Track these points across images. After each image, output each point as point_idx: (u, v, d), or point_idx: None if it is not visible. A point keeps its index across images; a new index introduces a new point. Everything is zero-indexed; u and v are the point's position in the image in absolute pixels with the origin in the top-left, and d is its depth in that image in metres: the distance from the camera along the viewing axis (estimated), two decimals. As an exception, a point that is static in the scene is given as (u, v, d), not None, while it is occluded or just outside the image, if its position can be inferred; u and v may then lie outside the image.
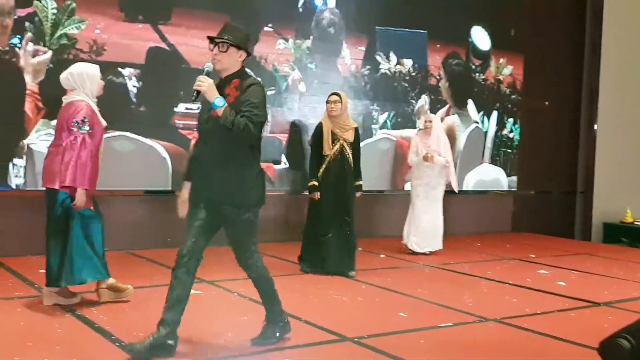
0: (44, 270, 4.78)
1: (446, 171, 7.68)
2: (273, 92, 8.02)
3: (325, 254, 6.26)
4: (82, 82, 4.70)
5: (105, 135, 4.97)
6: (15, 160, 6.53)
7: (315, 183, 6.28)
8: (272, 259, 6.46)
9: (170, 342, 3.74)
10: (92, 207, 4.73)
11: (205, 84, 3.68)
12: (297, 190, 8.05)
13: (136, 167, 7.18)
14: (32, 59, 6.54)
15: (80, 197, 4.54)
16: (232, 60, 3.81)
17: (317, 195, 6.28)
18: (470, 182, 9.94)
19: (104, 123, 4.77)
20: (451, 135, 9.14)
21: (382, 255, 7.55)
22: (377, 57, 8.93)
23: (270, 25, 8.09)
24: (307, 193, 6.49)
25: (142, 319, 4.39)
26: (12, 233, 6.47)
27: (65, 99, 4.73)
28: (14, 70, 6.50)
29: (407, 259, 7.44)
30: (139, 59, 7.19)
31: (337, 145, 6.28)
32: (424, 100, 9.33)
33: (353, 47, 8.75)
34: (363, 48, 8.84)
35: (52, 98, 6.22)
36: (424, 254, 7.58)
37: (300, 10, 8.33)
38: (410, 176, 7.77)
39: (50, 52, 6.61)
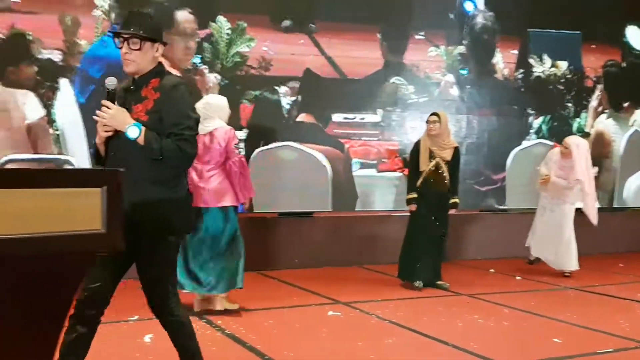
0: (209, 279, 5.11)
1: (585, 199, 7.29)
2: (426, 99, 8.16)
3: (420, 266, 6.41)
4: (219, 110, 5.18)
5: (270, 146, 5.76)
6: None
7: (414, 195, 6.40)
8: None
9: None
10: None
11: (109, 114, 2.92)
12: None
13: (298, 177, 7.48)
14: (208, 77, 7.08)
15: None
16: (148, 58, 3.02)
17: (414, 207, 6.42)
18: (631, 187, 9.49)
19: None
20: (603, 141, 8.87)
21: (517, 278, 7.30)
22: (531, 60, 8.83)
23: (421, 33, 8.24)
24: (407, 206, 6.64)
25: (290, 339, 4.60)
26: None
27: (207, 127, 5.05)
28: (196, 89, 7.03)
29: (546, 280, 7.13)
30: (301, 72, 7.60)
31: (433, 163, 6.36)
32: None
33: (505, 50, 8.70)
34: (515, 51, 8.76)
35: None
36: (563, 274, 7.30)
37: (452, 16, 8.39)
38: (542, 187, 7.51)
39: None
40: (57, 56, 6.41)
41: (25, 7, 6.33)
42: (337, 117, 7.76)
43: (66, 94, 6.38)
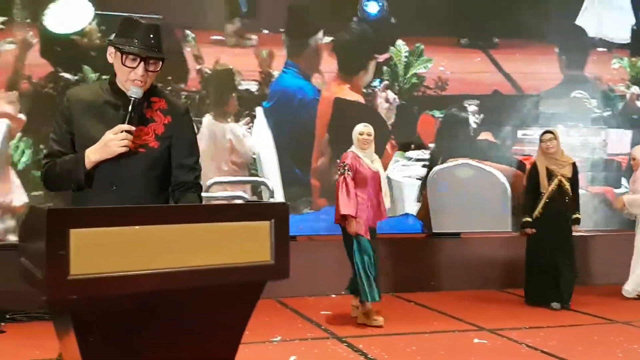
0: None
1: None
2: (610, 113, 7.85)
3: (549, 287, 6.19)
4: (354, 137, 5.67)
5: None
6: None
7: (530, 219, 6.23)
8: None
9: None
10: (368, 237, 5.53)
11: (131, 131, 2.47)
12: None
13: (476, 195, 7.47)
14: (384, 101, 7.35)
15: (350, 224, 5.42)
16: (154, 78, 2.62)
17: (531, 231, 6.28)
18: None
19: (373, 169, 5.60)
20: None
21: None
22: None
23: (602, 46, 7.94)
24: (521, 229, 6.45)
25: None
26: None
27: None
28: (373, 111, 7.35)
29: None
30: (478, 90, 7.61)
31: (555, 182, 6.16)
32: None
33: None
34: None
35: (402, 132, 6.99)
36: None
37: (635, 27, 7.99)
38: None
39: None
40: (253, 86, 7.04)
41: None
42: (517, 134, 7.70)
43: (261, 121, 7.02)
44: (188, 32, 6.73)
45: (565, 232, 6.30)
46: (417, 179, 7.36)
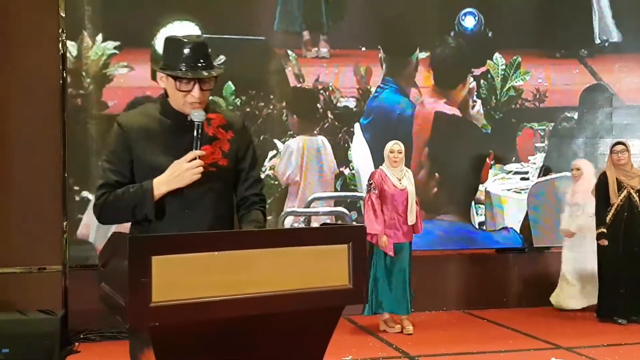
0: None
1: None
2: None
3: (622, 300, 5.92)
4: (385, 154, 5.82)
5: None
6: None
7: (604, 230, 5.92)
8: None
9: None
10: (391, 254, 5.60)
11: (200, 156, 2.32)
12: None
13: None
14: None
15: (381, 241, 5.53)
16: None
17: (605, 242, 6.03)
18: None
19: (400, 186, 5.63)
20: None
21: None
22: None
23: None
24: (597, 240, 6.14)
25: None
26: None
27: None
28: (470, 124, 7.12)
29: None
30: (575, 101, 7.27)
31: (624, 193, 5.94)
32: None
33: None
34: None
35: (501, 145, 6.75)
36: None
37: None
38: None
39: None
40: (351, 103, 7.00)
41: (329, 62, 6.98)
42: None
43: (359, 137, 6.96)
44: (289, 51, 6.77)
45: (638, 244, 6.05)
46: (516, 192, 7.06)
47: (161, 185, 2.29)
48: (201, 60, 2.31)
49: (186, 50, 2.30)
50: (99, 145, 6.11)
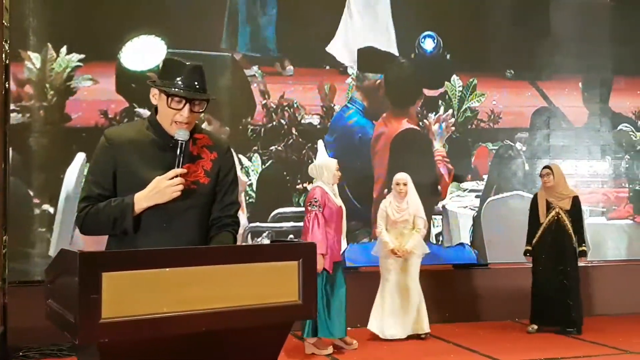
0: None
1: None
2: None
3: (547, 310, 6.16)
4: (321, 172, 5.49)
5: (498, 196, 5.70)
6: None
7: (529, 248, 6.34)
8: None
9: None
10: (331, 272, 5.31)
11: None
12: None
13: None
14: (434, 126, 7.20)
15: (319, 261, 5.06)
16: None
17: (530, 259, 6.35)
18: None
19: (338, 203, 5.43)
20: None
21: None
22: None
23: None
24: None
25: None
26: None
27: (310, 186, 5.61)
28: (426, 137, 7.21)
29: None
30: (527, 123, 7.45)
31: (552, 214, 6.17)
32: None
33: None
34: None
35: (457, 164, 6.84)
36: None
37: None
38: None
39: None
40: (316, 120, 7.00)
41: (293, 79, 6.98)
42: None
43: (322, 153, 6.93)
44: (255, 67, 6.77)
45: (563, 263, 6.23)
46: (471, 209, 7.16)
47: (142, 200, 2.30)
48: (196, 83, 2.34)
49: (183, 71, 2.34)
50: (60, 158, 6.02)
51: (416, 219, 6.01)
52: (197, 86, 2.34)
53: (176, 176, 2.29)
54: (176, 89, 2.31)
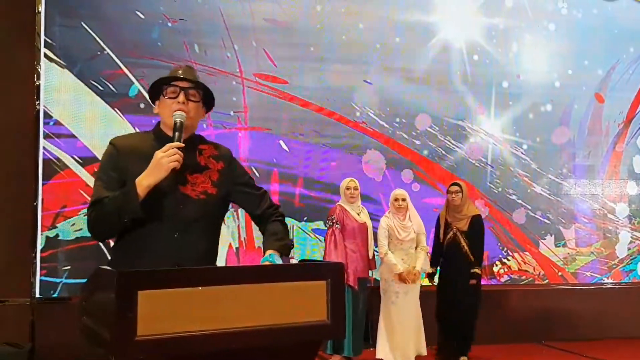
0: None
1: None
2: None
3: (445, 336, 5.90)
4: (341, 191, 5.81)
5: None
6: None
7: (432, 270, 6.03)
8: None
9: None
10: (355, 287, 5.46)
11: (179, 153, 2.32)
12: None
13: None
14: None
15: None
16: (198, 117, 2.51)
17: (434, 282, 6.03)
18: None
19: (360, 220, 5.58)
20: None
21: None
22: None
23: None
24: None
25: None
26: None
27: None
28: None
29: None
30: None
31: (450, 234, 5.87)
32: None
33: None
34: None
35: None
36: None
37: None
38: None
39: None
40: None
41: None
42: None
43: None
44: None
45: (460, 286, 5.80)
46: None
47: (142, 179, 2.27)
48: (187, 75, 2.45)
49: (172, 71, 2.47)
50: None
51: (419, 236, 5.81)
52: (190, 78, 2.45)
53: (173, 148, 2.28)
54: (171, 78, 2.44)
